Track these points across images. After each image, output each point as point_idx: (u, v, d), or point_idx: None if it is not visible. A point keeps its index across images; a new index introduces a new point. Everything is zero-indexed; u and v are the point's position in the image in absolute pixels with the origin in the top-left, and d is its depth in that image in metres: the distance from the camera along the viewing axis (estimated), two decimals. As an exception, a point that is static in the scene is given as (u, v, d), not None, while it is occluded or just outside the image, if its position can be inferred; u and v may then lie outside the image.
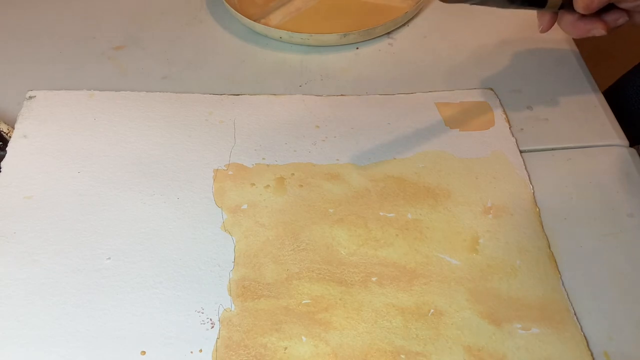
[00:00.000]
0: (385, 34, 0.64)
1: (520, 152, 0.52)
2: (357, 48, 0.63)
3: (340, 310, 0.42)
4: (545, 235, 0.47)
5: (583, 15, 0.44)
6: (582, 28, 0.45)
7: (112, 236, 0.46)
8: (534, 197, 0.49)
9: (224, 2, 0.64)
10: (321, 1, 0.67)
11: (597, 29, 0.45)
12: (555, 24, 0.48)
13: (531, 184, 0.50)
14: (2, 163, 0.50)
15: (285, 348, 0.40)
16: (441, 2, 0.68)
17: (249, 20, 0.62)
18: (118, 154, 0.51)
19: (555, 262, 0.45)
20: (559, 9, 0.45)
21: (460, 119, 0.55)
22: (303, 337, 0.41)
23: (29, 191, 0.48)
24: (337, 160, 0.52)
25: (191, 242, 0.46)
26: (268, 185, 0.50)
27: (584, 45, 0.64)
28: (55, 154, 0.51)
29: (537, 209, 0.48)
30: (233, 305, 0.42)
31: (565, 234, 0.47)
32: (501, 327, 0.42)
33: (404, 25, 0.65)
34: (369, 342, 0.41)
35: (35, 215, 0.47)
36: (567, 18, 0.45)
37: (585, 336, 0.41)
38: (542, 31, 0.49)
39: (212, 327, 0.41)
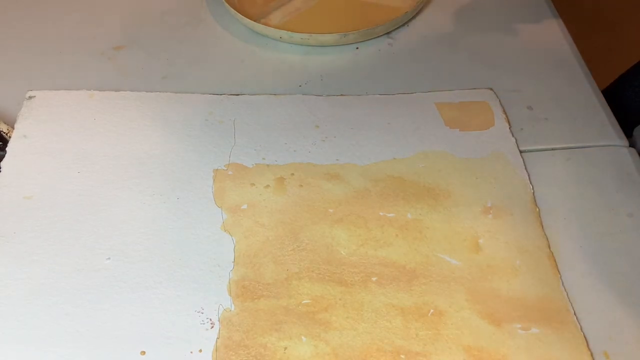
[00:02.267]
0: (385, 33, 0.64)
1: (520, 152, 0.52)
2: (357, 48, 0.63)
3: (340, 310, 0.42)
4: (545, 235, 0.47)
5: None
6: None
7: (112, 236, 0.46)
8: (534, 197, 0.49)
9: (224, 2, 0.64)
10: (321, 1, 0.67)
11: None
12: None
13: (531, 184, 0.50)
14: (2, 163, 0.50)
15: (285, 348, 0.40)
16: (441, 2, 0.68)
17: (249, 20, 0.62)
18: (118, 154, 0.51)
19: (555, 262, 0.45)
20: None
21: (460, 119, 0.55)
22: (303, 337, 0.41)
23: (29, 191, 0.48)
24: (337, 160, 0.52)
25: (191, 242, 0.46)
26: (268, 185, 0.50)
27: (584, 45, 0.64)
28: (55, 154, 0.51)
29: (537, 209, 0.48)
30: (233, 305, 0.42)
31: (565, 234, 0.47)
32: (501, 327, 0.42)
33: (404, 25, 0.65)
34: (369, 342, 0.41)
35: (35, 215, 0.47)
36: None
37: (585, 336, 0.41)
38: None
39: (212, 327, 0.41)
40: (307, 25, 0.64)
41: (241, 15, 0.62)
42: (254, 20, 0.62)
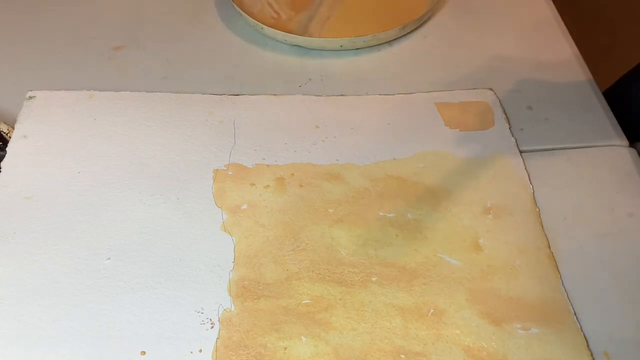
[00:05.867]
0: (419, 27, 0.64)
1: (520, 152, 0.52)
2: (357, 48, 0.62)
3: (340, 310, 0.42)
4: (545, 235, 0.47)
5: None
6: None
7: (112, 236, 0.46)
8: (534, 197, 0.49)
9: (262, 26, 0.62)
10: (344, 7, 0.66)
11: None
12: None
13: (531, 184, 0.50)
14: (2, 163, 0.50)
15: (285, 348, 0.40)
16: (442, 3, 0.68)
17: (295, 36, 0.60)
18: (118, 154, 0.51)
19: (555, 262, 0.45)
20: None
21: (460, 119, 0.55)
22: (303, 337, 0.41)
23: (29, 191, 0.48)
24: (337, 160, 0.52)
25: (191, 242, 0.46)
26: (268, 186, 0.49)
27: (584, 46, 0.64)
28: (55, 154, 0.51)
29: (537, 209, 0.48)
30: (233, 305, 0.42)
31: (565, 234, 0.47)
32: (501, 327, 0.42)
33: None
34: (369, 342, 0.41)
35: (35, 216, 0.47)
36: None
37: (585, 336, 0.41)
38: None
39: (212, 327, 0.41)
40: (342, 30, 0.63)
41: (290, 35, 0.60)
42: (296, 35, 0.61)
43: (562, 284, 0.44)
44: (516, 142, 0.53)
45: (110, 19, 0.66)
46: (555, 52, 0.62)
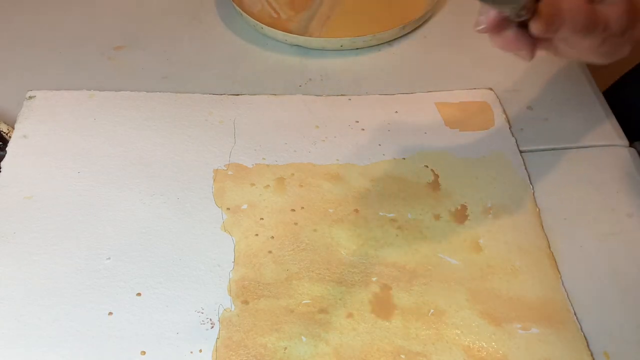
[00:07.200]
0: (419, 26, 0.64)
1: (520, 152, 0.52)
2: (357, 48, 0.62)
3: (341, 310, 0.42)
4: (545, 235, 0.47)
5: (524, 31, 0.39)
6: (515, 44, 0.40)
7: (112, 236, 0.46)
8: (534, 197, 0.49)
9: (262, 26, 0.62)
10: (344, 6, 0.67)
11: (526, 52, 0.39)
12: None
13: (531, 184, 0.50)
14: (2, 163, 0.50)
15: (285, 348, 0.40)
16: (442, 3, 0.68)
17: (296, 36, 0.61)
18: (118, 154, 0.51)
19: (555, 262, 0.45)
20: (516, 17, 0.38)
21: (460, 119, 0.55)
22: (303, 337, 0.41)
23: (29, 191, 0.48)
24: (337, 160, 0.52)
25: (191, 242, 0.46)
26: (268, 185, 0.49)
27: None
28: (55, 154, 0.51)
29: (537, 209, 0.48)
30: (233, 305, 0.42)
31: (565, 234, 0.47)
32: (501, 327, 0.42)
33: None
34: (369, 342, 0.41)
35: (35, 215, 0.47)
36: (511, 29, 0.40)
37: (585, 336, 0.41)
38: (481, 31, 0.41)
39: (212, 327, 0.41)
40: (342, 29, 0.63)
41: (290, 34, 0.61)
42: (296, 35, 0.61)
43: (562, 284, 0.44)
44: (516, 142, 0.53)
45: (110, 19, 0.66)
46: (555, 52, 0.62)
